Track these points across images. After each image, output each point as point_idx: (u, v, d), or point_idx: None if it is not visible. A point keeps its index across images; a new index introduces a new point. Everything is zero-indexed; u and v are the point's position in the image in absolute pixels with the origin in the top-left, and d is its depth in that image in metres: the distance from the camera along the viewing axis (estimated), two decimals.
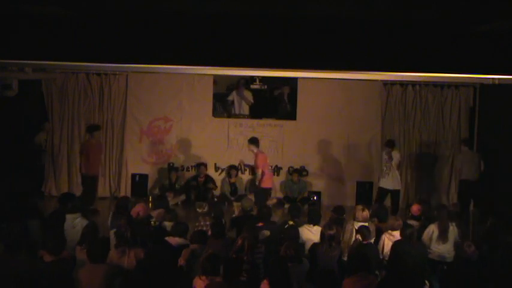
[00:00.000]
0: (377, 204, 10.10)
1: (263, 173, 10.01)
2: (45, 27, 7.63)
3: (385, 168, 10.62)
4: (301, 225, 7.70)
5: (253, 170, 11.41)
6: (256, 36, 7.57)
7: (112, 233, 6.97)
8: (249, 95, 12.24)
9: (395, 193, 10.70)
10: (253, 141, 10.18)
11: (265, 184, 10.12)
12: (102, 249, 5.96)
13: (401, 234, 7.03)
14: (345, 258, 7.03)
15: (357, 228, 7.33)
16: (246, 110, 12.26)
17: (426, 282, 6.68)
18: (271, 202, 11.28)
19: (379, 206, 9.07)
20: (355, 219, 7.76)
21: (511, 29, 7.23)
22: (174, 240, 6.95)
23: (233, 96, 12.21)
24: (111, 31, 7.63)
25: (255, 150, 10.12)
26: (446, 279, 6.24)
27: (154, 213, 8.09)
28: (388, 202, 10.73)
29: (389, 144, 10.76)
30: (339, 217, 8.05)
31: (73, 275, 5.75)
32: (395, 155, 10.60)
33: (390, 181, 10.58)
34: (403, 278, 6.14)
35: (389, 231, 7.39)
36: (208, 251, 6.12)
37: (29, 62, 8.95)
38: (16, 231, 6.15)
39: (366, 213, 7.78)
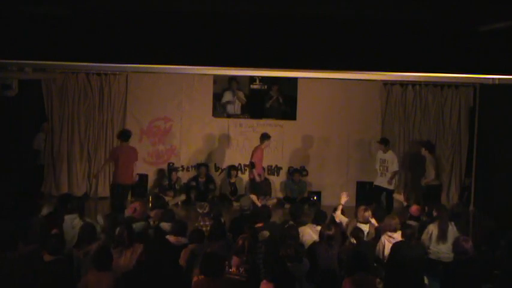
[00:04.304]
0: (375, 204, 10.11)
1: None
2: (45, 27, 7.62)
3: (381, 168, 10.74)
4: (303, 224, 7.69)
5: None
6: (256, 36, 7.55)
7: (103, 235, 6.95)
8: (241, 95, 12.24)
9: (390, 193, 10.78)
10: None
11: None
12: (107, 257, 5.85)
13: (402, 235, 7.01)
14: None
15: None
16: (238, 109, 12.25)
17: (426, 282, 6.68)
18: (271, 202, 11.29)
19: (377, 206, 9.10)
20: (356, 219, 7.76)
21: (511, 29, 7.22)
22: (173, 239, 6.95)
23: (227, 97, 12.21)
24: (111, 31, 7.62)
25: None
26: (446, 277, 6.22)
27: (152, 214, 8.06)
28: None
29: (385, 142, 10.81)
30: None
31: (72, 275, 5.75)
32: (392, 154, 10.66)
33: (385, 180, 10.69)
34: (402, 278, 6.14)
35: (388, 233, 7.37)
36: (207, 251, 6.11)
37: (29, 62, 8.93)
38: (15, 231, 6.15)
39: (368, 213, 7.80)
